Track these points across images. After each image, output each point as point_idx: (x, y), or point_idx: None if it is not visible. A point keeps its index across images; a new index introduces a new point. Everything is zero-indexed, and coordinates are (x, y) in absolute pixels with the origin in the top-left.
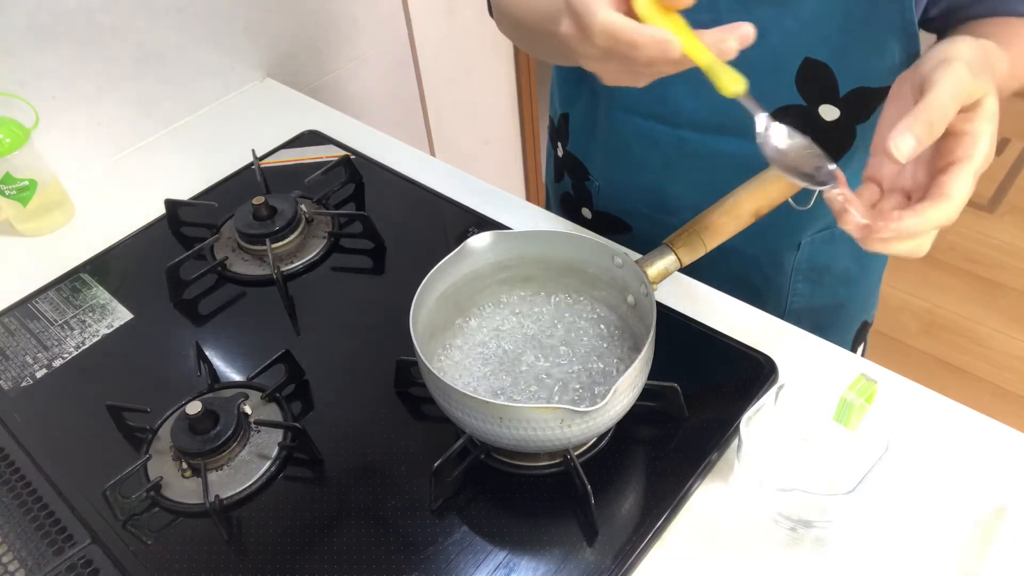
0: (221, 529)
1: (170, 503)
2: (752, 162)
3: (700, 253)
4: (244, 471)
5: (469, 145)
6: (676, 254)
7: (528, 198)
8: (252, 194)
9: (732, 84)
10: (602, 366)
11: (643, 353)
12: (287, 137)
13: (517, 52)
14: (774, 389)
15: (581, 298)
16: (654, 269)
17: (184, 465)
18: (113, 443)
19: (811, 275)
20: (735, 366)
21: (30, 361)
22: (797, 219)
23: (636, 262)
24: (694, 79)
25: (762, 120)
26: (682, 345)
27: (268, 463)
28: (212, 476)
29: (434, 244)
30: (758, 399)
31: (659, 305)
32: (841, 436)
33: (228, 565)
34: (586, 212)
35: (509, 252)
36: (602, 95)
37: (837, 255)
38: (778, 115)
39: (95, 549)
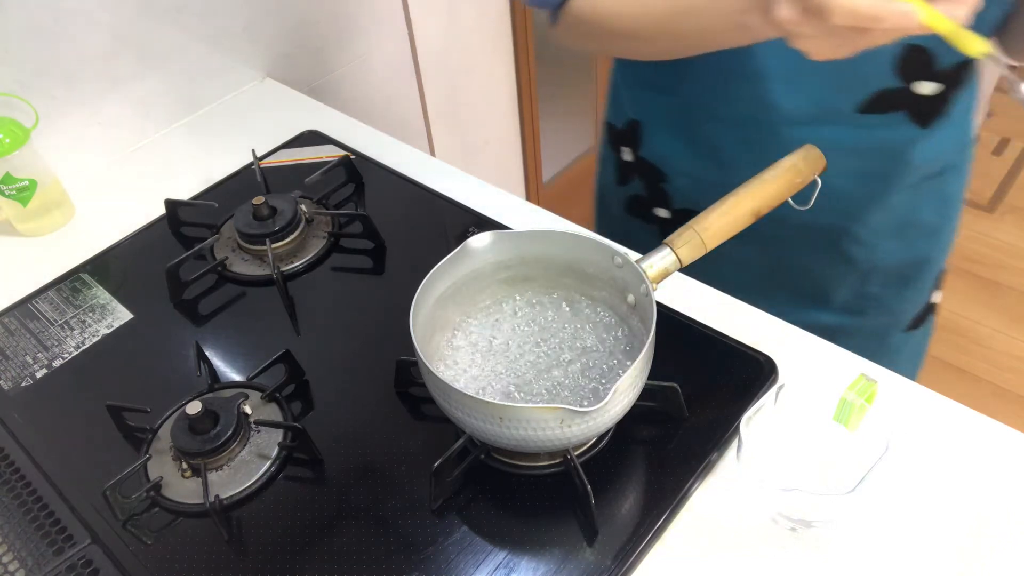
0: (221, 529)
1: (170, 503)
2: (848, 145)
3: (700, 253)
4: (244, 471)
5: (469, 145)
6: (676, 254)
7: (528, 198)
8: (252, 194)
9: (977, 45)
10: (602, 366)
11: (643, 353)
12: (287, 137)
13: (517, 52)
14: (774, 389)
15: (581, 298)
16: (654, 269)
17: (184, 465)
18: (113, 443)
19: (899, 231)
20: (735, 366)
21: (30, 361)
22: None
23: (636, 262)
24: (793, 76)
25: (1004, 68)
26: (682, 345)
27: (268, 463)
28: (212, 476)
29: (434, 244)
30: (758, 399)
31: (659, 305)
32: (841, 436)
33: (228, 565)
34: (662, 212)
35: (509, 252)
36: (690, 102)
37: (920, 208)
38: (874, 99)
39: (95, 549)
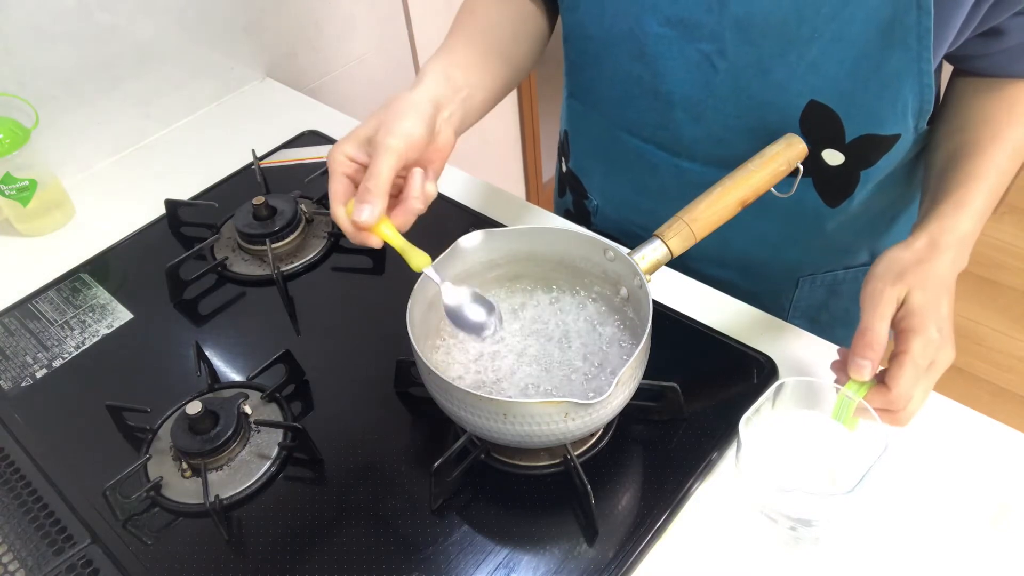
0: (221, 529)
1: (170, 503)
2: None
3: (690, 243)
4: (244, 471)
5: (469, 145)
6: (667, 245)
7: (528, 198)
8: (252, 194)
9: (419, 260)
10: (597, 359)
11: (642, 343)
12: (287, 137)
13: None
14: (774, 389)
15: (573, 293)
16: (646, 261)
17: (184, 465)
18: (113, 443)
19: (809, 312)
20: (735, 366)
21: (30, 361)
22: (795, 260)
23: (628, 255)
24: (694, 108)
25: (439, 283)
26: (681, 345)
27: (268, 463)
28: (212, 476)
29: (434, 244)
30: (758, 399)
31: (658, 304)
32: (840, 436)
33: (228, 565)
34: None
35: (500, 250)
36: (605, 115)
37: (838, 295)
38: None
39: (95, 549)
